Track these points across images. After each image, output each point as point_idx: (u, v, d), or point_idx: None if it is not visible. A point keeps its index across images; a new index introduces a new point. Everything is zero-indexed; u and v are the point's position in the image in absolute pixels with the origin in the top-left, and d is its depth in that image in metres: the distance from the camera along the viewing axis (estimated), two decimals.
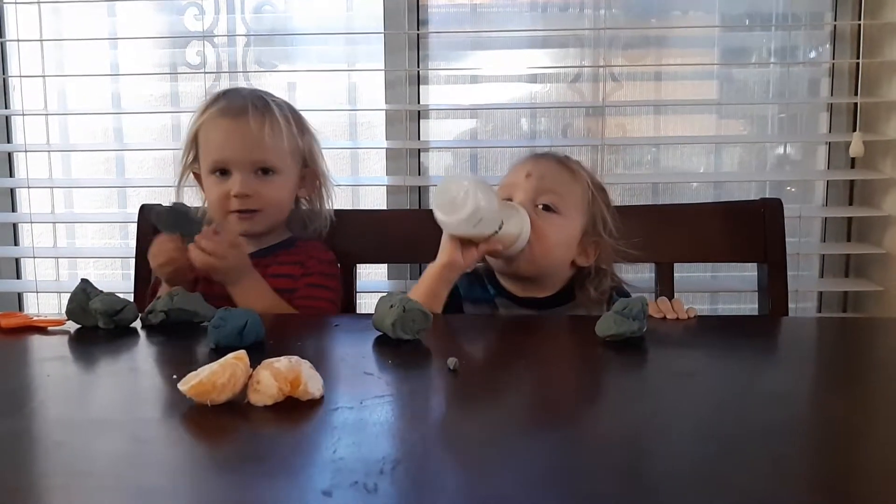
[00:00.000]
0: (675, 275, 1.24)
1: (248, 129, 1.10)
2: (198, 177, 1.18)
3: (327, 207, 1.23)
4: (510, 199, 1.07)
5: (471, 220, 0.96)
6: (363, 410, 0.62)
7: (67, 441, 0.57)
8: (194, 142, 1.16)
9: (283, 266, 1.15)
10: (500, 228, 1.00)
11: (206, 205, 1.19)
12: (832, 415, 0.65)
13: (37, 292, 1.63)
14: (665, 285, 1.23)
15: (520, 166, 1.13)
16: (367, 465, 0.51)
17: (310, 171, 1.19)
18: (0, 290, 1.67)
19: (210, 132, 1.13)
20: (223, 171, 1.12)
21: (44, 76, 1.61)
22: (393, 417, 0.61)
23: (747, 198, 1.51)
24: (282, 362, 0.63)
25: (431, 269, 1.03)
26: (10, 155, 1.68)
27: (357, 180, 1.67)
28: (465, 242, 1.01)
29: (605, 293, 1.11)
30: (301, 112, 1.21)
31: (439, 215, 0.98)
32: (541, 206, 1.07)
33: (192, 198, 1.21)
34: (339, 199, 1.29)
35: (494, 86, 1.65)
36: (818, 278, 1.62)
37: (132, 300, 0.93)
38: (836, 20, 1.55)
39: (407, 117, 1.58)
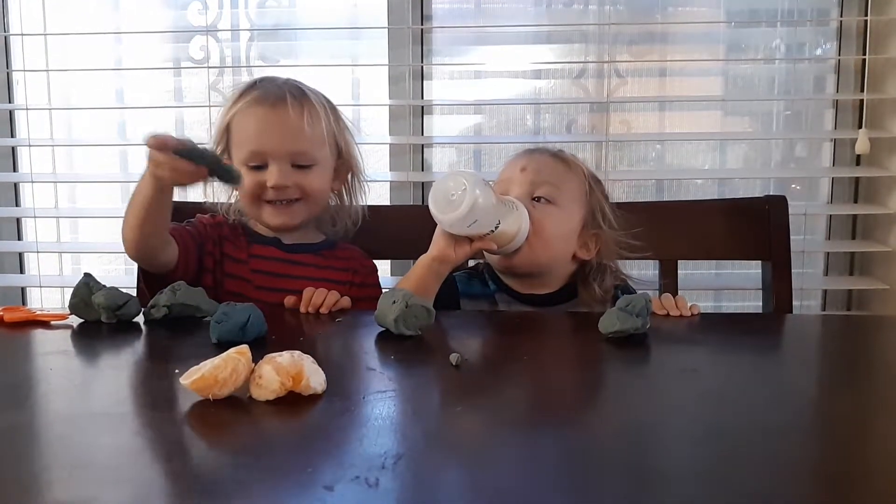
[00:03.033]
0: (678, 272, 1.24)
1: (287, 119, 1.06)
2: None
3: (359, 203, 1.19)
4: (507, 195, 1.06)
5: (466, 220, 0.95)
6: (365, 405, 0.62)
7: (69, 434, 0.57)
8: (226, 132, 1.11)
9: (338, 272, 1.13)
10: (496, 228, 0.99)
11: (233, 197, 1.15)
12: (836, 412, 0.65)
13: (40, 287, 1.64)
14: (669, 282, 1.22)
15: (514, 161, 1.12)
16: (369, 460, 0.50)
17: (343, 164, 1.16)
18: (3, 284, 1.67)
19: (245, 121, 1.08)
20: (258, 163, 1.07)
21: (47, 71, 1.61)
22: (395, 413, 0.61)
23: (752, 195, 1.51)
24: (284, 357, 0.63)
25: (422, 262, 1.03)
26: (13, 149, 1.68)
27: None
28: (458, 237, 1.01)
29: (609, 291, 1.10)
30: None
31: (435, 212, 0.98)
32: (538, 200, 1.07)
33: (219, 192, 1.16)
34: None
35: (498, 81, 1.65)
36: (823, 276, 1.62)
37: (135, 295, 0.93)
38: (842, 16, 1.54)
39: (410, 113, 1.58)
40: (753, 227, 1.24)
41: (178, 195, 1.59)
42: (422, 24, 1.57)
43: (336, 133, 1.13)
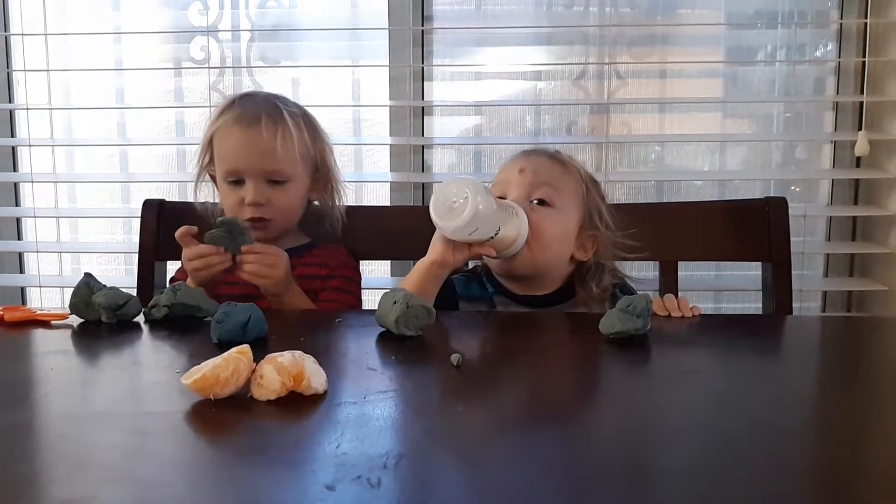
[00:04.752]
0: (678, 273, 1.24)
1: (261, 139, 1.11)
2: (213, 177, 1.20)
3: (339, 206, 1.23)
4: (504, 197, 1.06)
5: (467, 228, 0.96)
6: (366, 405, 0.62)
7: (70, 433, 0.57)
8: (210, 145, 1.17)
9: (310, 267, 1.16)
10: (496, 234, 0.99)
11: (221, 204, 1.20)
12: (835, 413, 0.65)
13: (40, 287, 1.64)
14: (669, 284, 1.22)
15: (512, 162, 1.13)
16: (371, 460, 0.50)
17: (322, 176, 1.20)
18: (3, 284, 1.67)
19: (224, 139, 1.14)
20: (236, 179, 1.13)
21: (48, 70, 1.61)
22: (396, 413, 0.61)
23: (752, 196, 1.51)
24: (285, 357, 0.63)
25: (421, 265, 1.03)
26: (13, 149, 1.68)
27: (361, 177, 1.67)
28: (457, 242, 1.01)
29: (607, 290, 1.10)
30: (312, 113, 1.21)
31: (436, 219, 0.98)
32: (535, 202, 1.07)
33: (208, 195, 1.22)
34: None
35: (499, 83, 1.65)
36: (823, 277, 1.62)
37: (135, 295, 0.93)
38: (842, 18, 1.55)
39: (411, 114, 1.58)
40: (753, 228, 1.24)
41: (179, 195, 1.60)
42: (422, 25, 1.57)
43: (311, 149, 1.17)
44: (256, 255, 1.02)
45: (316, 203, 1.24)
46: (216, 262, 1.02)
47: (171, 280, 1.20)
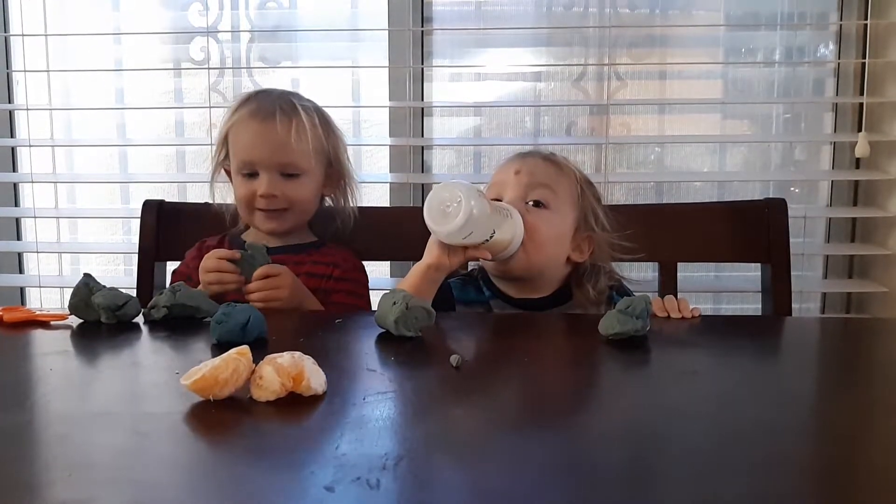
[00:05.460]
0: (678, 275, 1.24)
1: (275, 133, 1.13)
2: (228, 173, 1.21)
3: (351, 204, 1.25)
4: (500, 199, 1.06)
5: (461, 232, 0.95)
6: (366, 406, 0.62)
7: (69, 434, 0.57)
8: (225, 140, 1.19)
9: (318, 266, 1.17)
10: (490, 237, 0.99)
11: (234, 196, 1.21)
12: (834, 415, 0.65)
13: (39, 287, 1.63)
14: (668, 285, 1.22)
15: (507, 164, 1.13)
16: (370, 461, 0.50)
17: (335, 171, 1.22)
18: (2, 284, 1.67)
19: (239, 133, 1.16)
20: (251, 172, 1.15)
21: (48, 71, 1.61)
22: (395, 414, 0.61)
23: (751, 198, 1.51)
24: (284, 358, 0.63)
25: (417, 269, 1.03)
26: (13, 149, 1.68)
27: (360, 177, 1.66)
28: (452, 245, 1.01)
29: (604, 293, 1.10)
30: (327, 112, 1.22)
31: (430, 223, 0.98)
32: (531, 203, 1.07)
33: (225, 193, 1.24)
34: None
35: (498, 83, 1.65)
36: (822, 279, 1.62)
37: (135, 295, 0.93)
38: (841, 20, 1.55)
39: (410, 114, 1.58)
40: (753, 229, 1.24)
41: (178, 196, 1.60)
42: (422, 27, 1.57)
43: (325, 144, 1.19)
44: (262, 282, 1.03)
45: (328, 202, 1.25)
46: (228, 281, 1.05)
47: (174, 272, 1.21)
